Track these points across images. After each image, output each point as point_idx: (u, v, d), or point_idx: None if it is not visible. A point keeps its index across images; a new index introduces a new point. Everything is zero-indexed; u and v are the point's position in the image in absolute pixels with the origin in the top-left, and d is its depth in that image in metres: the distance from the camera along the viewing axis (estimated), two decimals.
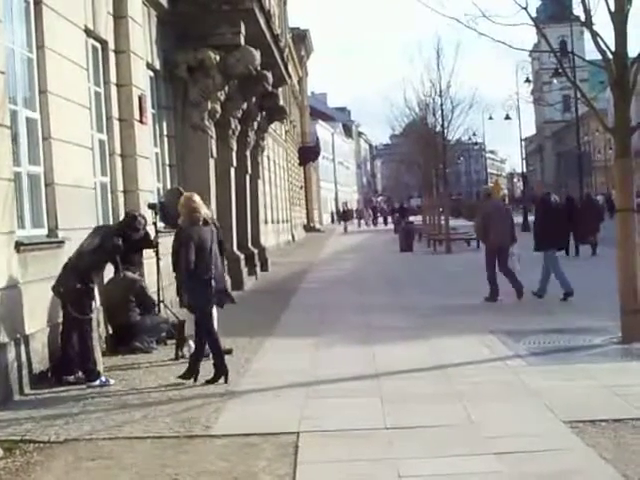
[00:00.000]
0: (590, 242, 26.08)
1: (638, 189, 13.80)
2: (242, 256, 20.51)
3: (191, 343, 10.88)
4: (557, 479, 5.76)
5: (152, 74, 16.35)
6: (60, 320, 10.21)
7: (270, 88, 21.73)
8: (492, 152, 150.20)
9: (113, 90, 13.49)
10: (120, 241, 10.06)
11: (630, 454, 6.11)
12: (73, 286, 9.54)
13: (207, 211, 9.90)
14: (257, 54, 18.18)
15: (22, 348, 9.15)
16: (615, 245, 10.89)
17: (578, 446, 6.40)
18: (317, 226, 66.97)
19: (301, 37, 61.77)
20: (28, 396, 8.99)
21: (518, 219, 28.00)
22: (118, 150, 13.57)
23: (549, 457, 6.16)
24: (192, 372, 9.43)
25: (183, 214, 9.72)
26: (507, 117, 51.71)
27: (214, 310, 10.36)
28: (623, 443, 6.39)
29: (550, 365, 9.44)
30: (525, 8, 11.33)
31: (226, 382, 9.27)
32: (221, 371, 9.42)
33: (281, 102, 26.64)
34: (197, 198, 9.83)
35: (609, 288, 12.88)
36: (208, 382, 9.28)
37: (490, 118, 59.51)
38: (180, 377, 9.42)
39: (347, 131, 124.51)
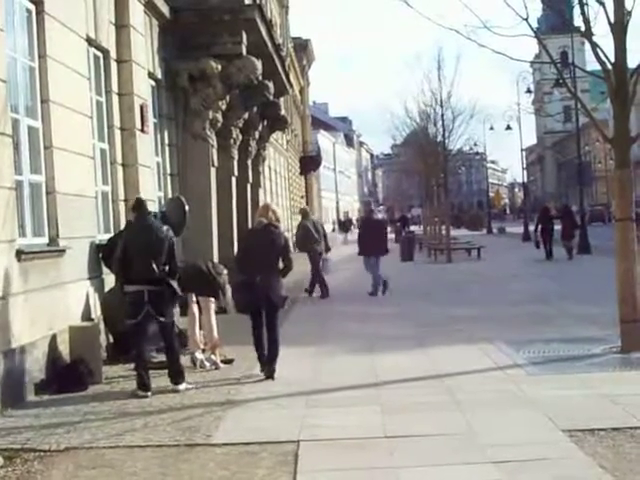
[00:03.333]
0: (567, 247, 29.01)
1: (637, 199, 13.99)
2: None
3: (197, 355, 10.93)
4: None
5: (154, 83, 16.40)
6: (61, 328, 10.24)
7: (271, 97, 21.77)
8: (493, 162, 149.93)
9: (115, 99, 13.53)
10: None
11: (628, 463, 6.13)
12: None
13: (274, 218, 10.27)
14: (258, 63, 18.22)
15: (23, 357, 9.17)
16: (614, 254, 10.91)
17: (577, 455, 6.41)
18: None
19: (302, 46, 61.84)
20: (28, 404, 9.00)
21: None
22: (119, 159, 13.60)
23: (548, 466, 6.16)
24: (263, 365, 10.11)
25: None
26: (508, 127, 51.80)
27: (213, 316, 11.08)
28: (621, 452, 6.41)
29: (549, 374, 9.46)
30: (526, 19, 11.37)
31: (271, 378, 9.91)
32: (262, 367, 10.08)
33: (282, 111, 26.67)
34: (267, 206, 10.75)
35: (604, 296, 12.93)
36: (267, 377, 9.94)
37: (491, 128, 59.49)
38: (266, 377, 9.94)
39: (348, 141, 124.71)
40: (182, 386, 9.55)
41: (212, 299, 11.22)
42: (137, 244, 9.65)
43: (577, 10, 11.34)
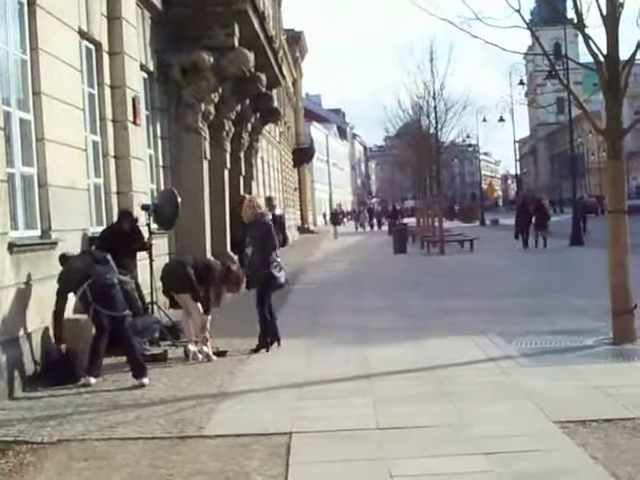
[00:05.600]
0: (541, 236, 31.83)
1: (630, 191, 14.08)
2: (236, 257, 20.52)
3: (190, 347, 10.90)
4: (547, 479, 5.78)
5: (146, 76, 16.38)
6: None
7: (264, 90, 21.78)
8: (486, 154, 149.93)
9: (107, 91, 13.51)
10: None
11: (619, 454, 6.15)
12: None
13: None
14: (251, 56, 18.21)
15: (15, 349, 9.17)
16: (606, 246, 10.94)
17: (568, 446, 6.43)
18: (311, 228, 66.94)
19: (295, 38, 61.77)
20: (21, 397, 9.00)
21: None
22: (112, 151, 13.59)
23: (539, 457, 6.19)
24: (262, 344, 11.17)
25: (249, 212, 11.37)
26: (501, 119, 51.91)
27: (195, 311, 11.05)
28: (613, 443, 6.43)
29: (541, 366, 9.48)
30: (518, 11, 11.36)
31: (267, 351, 11.14)
32: (262, 344, 11.16)
33: (275, 104, 26.67)
34: (256, 199, 12.14)
35: (596, 287, 12.95)
36: (253, 351, 11.09)
37: (484, 120, 59.57)
38: (253, 350, 11.11)
39: (341, 133, 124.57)
40: (145, 380, 9.47)
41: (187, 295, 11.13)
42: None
43: (570, 2, 11.32)
